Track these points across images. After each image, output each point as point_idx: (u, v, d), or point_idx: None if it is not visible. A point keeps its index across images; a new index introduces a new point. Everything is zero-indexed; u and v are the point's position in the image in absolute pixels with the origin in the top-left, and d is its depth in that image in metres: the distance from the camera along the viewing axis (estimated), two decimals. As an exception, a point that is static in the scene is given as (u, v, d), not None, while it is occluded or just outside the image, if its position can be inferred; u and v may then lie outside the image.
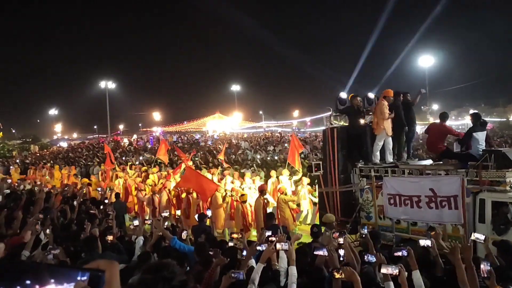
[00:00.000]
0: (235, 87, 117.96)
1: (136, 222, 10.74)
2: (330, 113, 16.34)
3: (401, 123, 15.88)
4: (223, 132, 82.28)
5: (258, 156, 33.76)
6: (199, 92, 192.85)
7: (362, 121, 16.09)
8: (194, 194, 18.19)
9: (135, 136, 76.53)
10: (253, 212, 16.55)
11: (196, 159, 33.54)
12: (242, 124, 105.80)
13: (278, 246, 6.73)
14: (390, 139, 15.74)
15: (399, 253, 6.79)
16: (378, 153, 15.74)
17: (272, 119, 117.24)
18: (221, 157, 28.91)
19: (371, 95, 16.65)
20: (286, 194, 16.75)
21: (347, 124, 16.38)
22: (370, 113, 16.30)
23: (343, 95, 16.37)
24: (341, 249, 7.42)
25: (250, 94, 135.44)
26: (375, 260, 6.90)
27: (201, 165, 28.40)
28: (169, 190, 19.70)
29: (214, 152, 37.92)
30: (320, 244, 8.84)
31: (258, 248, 7.22)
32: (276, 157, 31.91)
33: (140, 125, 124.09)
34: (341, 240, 7.52)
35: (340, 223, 15.29)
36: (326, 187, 16.11)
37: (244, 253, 8.02)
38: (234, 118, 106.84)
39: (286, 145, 39.93)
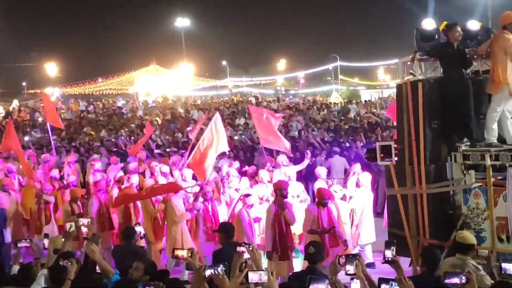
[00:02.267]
0: (182, 22, 73.79)
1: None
2: (412, 56, 9.58)
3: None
4: (163, 96, 55.78)
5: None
6: (121, 30, 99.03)
7: (466, 71, 9.63)
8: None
9: (15, 103, 48.64)
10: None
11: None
12: (194, 83, 73.88)
13: (254, 276, 4.77)
14: (509, 101, 9.23)
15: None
16: (495, 126, 9.23)
17: (244, 74, 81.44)
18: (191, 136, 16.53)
19: (473, 24, 9.85)
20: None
21: (439, 76, 9.64)
22: (476, 56, 9.61)
23: (429, 23, 9.69)
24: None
25: (206, 34, 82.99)
26: None
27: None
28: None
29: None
30: (320, 274, 6.34)
31: (207, 273, 4.90)
32: (247, 136, 21.55)
33: (24, 84, 78.53)
34: (350, 269, 5.52)
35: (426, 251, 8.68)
36: (403, 187, 9.53)
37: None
38: (181, 73, 72.57)
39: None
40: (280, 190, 10.32)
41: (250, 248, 5.46)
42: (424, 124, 9.28)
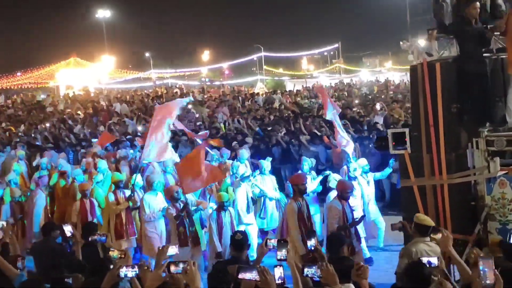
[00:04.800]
0: (103, 13, 71.15)
1: None
2: (429, 34, 8.70)
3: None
4: (84, 89, 54.14)
5: (140, 128, 21.76)
6: (40, 21, 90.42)
7: (486, 51, 8.79)
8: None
9: None
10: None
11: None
12: (116, 75, 70.34)
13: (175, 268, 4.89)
14: None
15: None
16: (517, 109, 8.35)
17: (168, 66, 77.20)
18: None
19: None
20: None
21: (456, 56, 8.83)
22: (497, 33, 8.84)
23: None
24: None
25: (129, 25, 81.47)
26: None
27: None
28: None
29: (71, 122, 25.06)
30: (244, 263, 6.30)
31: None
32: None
33: None
34: (281, 255, 5.26)
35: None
36: (420, 177, 8.59)
37: None
38: (103, 66, 69.87)
39: (190, 107, 26.16)
40: (297, 185, 9.30)
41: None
42: (443, 109, 8.47)
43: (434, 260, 5.61)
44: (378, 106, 20.92)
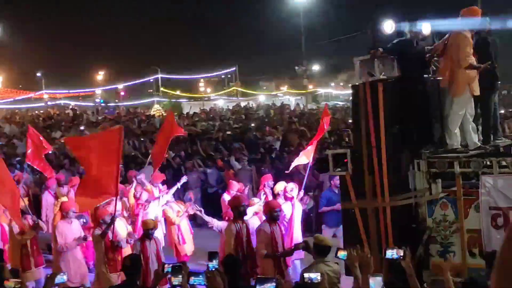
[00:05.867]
0: None
1: None
2: (372, 53, 8.51)
3: (493, 75, 8.78)
4: None
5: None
6: None
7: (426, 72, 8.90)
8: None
9: None
10: None
11: None
12: (4, 95, 63.32)
13: None
14: (473, 103, 8.63)
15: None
16: (458, 131, 8.54)
17: (61, 86, 70.81)
18: None
19: (425, 27, 9.04)
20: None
21: (397, 76, 8.75)
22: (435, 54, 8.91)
23: (388, 25, 8.74)
24: None
25: (19, 43, 71.27)
26: None
27: None
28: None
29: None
30: None
31: None
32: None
33: None
34: (175, 281, 5.45)
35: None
36: (362, 199, 8.37)
37: None
38: None
39: (82, 128, 25.37)
40: (237, 207, 8.80)
41: None
42: (385, 129, 8.32)
43: (317, 276, 5.78)
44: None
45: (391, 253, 5.66)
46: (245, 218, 9.27)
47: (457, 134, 8.42)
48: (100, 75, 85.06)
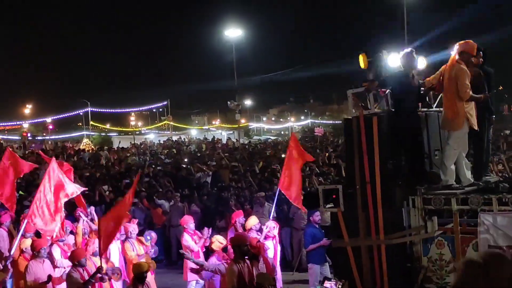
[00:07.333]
0: None
1: None
2: (367, 86, 8.19)
3: (488, 109, 8.63)
4: None
5: None
6: None
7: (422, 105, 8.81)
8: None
9: None
10: None
11: None
12: None
13: None
14: (467, 140, 8.34)
15: None
16: (453, 167, 8.20)
17: None
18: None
19: (420, 62, 8.87)
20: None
21: (392, 110, 8.47)
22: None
23: (393, 56, 8.52)
24: None
25: None
26: None
27: None
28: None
29: None
30: None
31: None
32: None
33: None
34: None
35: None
36: (355, 237, 7.98)
37: None
38: None
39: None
40: (239, 246, 8.15)
41: None
42: (380, 164, 7.98)
43: None
44: None
45: None
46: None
47: (452, 170, 8.15)
48: (28, 108, 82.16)
